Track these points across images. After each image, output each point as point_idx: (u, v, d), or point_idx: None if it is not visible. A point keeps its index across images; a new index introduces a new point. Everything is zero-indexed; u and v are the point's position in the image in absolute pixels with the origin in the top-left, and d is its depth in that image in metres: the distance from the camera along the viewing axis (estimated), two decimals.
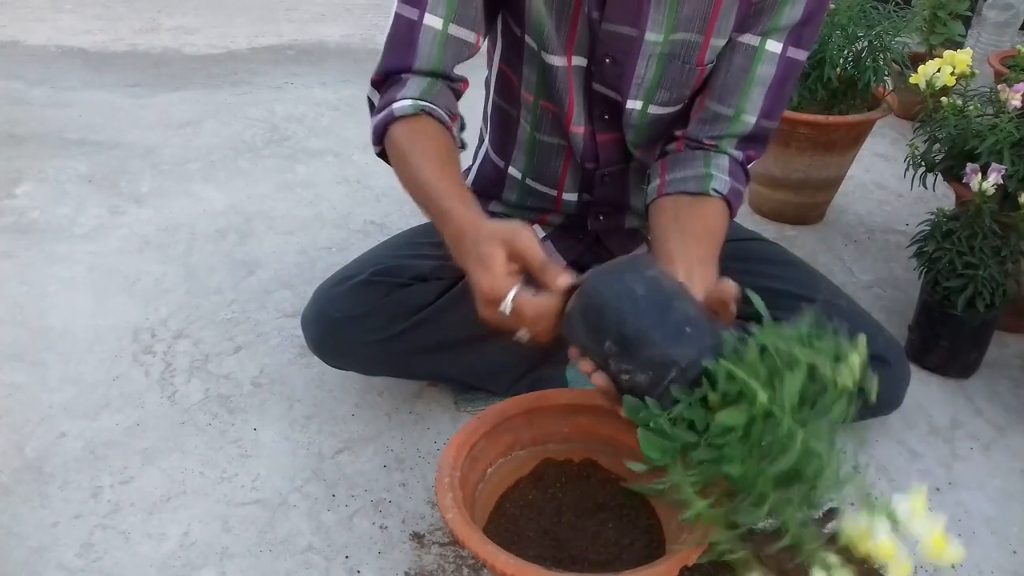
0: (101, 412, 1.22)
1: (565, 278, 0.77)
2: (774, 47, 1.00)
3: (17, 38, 2.68)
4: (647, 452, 0.70)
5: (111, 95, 2.30)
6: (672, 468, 0.69)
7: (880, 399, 1.12)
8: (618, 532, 0.87)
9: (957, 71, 1.33)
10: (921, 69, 1.34)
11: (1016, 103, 1.26)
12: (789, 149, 1.66)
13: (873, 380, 0.70)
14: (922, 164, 1.36)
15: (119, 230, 1.68)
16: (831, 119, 1.60)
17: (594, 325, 0.75)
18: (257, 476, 1.12)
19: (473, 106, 1.20)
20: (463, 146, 1.02)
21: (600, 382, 0.77)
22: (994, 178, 1.19)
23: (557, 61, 1.02)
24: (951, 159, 1.32)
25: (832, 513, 0.69)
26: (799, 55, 1.01)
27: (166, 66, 2.51)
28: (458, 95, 1.02)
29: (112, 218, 1.72)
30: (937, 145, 1.35)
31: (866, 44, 1.63)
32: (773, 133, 1.06)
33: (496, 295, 0.76)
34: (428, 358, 1.14)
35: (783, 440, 0.65)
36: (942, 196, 1.67)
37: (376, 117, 0.97)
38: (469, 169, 1.24)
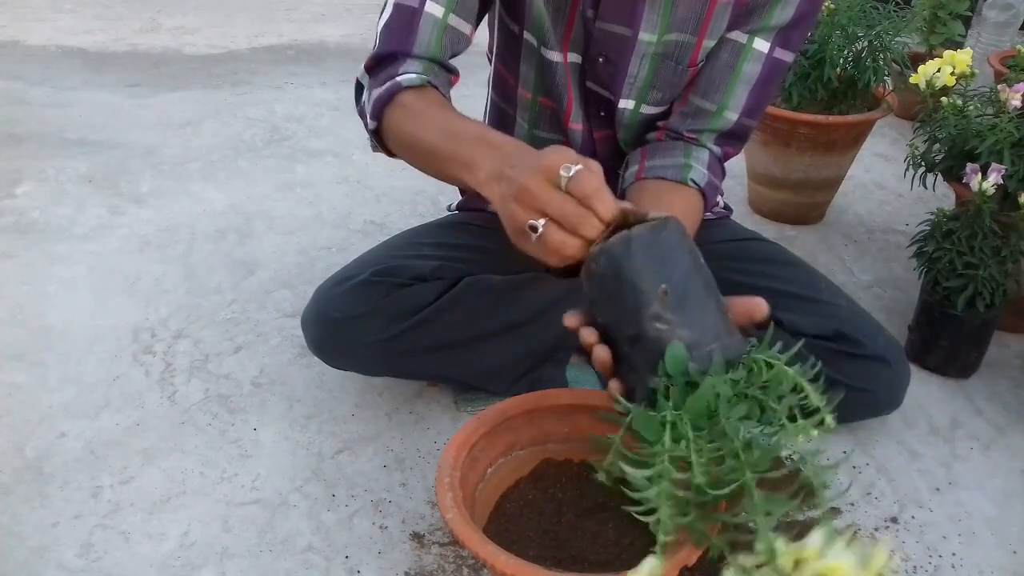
0: (101, 412, 1.22)
1: (625, 203, 0.74)
2: (762, 46, 1.00)
3: (17, 38, 2.68)
4: (644, 432, 0.69)
5: (111, 95, 2.30)
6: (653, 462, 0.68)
7: (880, 399, 1.14)
8: (618, 532, 0.87)
9: (957, 71, 1.33)
10: (921, 69, 1.34)
11: (1016, 103, 1.26)
12: (789, 149, 1.66)
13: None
14: (922, 164, 1.36)
15: (119, 230, 1.68)
16: (831, 119, 1.60)
17: (658, 262, 0.70)
18: (257, 476, 1.12)
19: (474, 106, 1.20)
20: None
21: (601, 355, 0.74)
22: (994, 178, 1.20)
23: (555, 57, 1.03)
24: (951, 159, 1.32)
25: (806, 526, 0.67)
26: (786, 56, 1.02)
27: (166, 66, 2.51)
28: (450, 87, 1.01)
29: (112, 218, 1.72)
30: (937, 145, 1.35)
31: (866, 44, 1.63)
32: (752, 131, 1.07)
33: (564, 159, 0.71)
34: (428, 358, 1.14)
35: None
36: (942, 196, 1.67)
37: (377, 90, 0.94)
38: None
